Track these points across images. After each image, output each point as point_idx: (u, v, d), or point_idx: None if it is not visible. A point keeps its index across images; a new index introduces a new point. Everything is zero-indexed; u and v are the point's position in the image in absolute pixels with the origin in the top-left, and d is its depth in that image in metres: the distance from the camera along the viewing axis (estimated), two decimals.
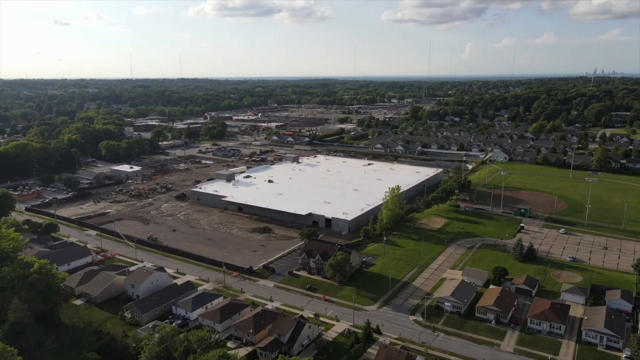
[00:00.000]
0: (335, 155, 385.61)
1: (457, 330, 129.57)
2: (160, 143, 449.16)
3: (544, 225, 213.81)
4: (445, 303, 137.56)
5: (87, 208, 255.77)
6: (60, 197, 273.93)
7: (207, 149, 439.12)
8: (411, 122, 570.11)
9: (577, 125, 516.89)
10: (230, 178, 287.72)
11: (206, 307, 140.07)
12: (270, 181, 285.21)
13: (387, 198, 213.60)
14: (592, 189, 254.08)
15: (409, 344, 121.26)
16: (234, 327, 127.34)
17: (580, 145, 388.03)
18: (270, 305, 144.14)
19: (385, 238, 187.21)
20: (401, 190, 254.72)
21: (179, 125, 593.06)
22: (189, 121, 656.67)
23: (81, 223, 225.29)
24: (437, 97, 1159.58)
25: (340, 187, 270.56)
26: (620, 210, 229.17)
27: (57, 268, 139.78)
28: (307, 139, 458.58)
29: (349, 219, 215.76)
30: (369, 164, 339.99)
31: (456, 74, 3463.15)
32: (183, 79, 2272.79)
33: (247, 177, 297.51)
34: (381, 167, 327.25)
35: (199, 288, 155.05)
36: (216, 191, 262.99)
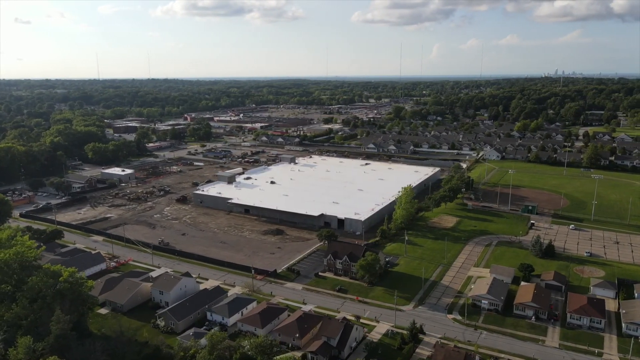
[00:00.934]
0: (329, 156, 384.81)
1: (498, 327, 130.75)
2: (147, 145, 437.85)
3: (553, 221, 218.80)
4: (482, 301, 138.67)
5: (86, 213, 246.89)
6: (54, 202, 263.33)
7: (196, 150, 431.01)
8: (396, 121, 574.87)
9: (557, 124, 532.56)
10: (231, 180, 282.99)
11: (242, 313, 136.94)
12: (272, 182, 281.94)
13: (401, 197, 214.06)
14: (588, 185, 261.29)
15: (456, 343, 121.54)
16: (278, 331, 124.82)
17: (566, 144, 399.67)
18: (305, 308, 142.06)
19: (406, 237, 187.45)
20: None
21: (162, 126, 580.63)
22: (171, 122, 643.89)
23: (86, 229, 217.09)
24: (414, 97, 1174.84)
25: (345, 188, 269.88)
26: (621, 205, 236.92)
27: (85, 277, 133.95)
28: (297, 140, 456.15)
29: (363, 219, 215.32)
30: (366, 164, 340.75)
31: (426, 74, 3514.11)
32: (153, 80, 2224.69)
33: (248, 178, 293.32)
34: (379, 167, 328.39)
35: (228, 293, 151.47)
36: (220, 193, 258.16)
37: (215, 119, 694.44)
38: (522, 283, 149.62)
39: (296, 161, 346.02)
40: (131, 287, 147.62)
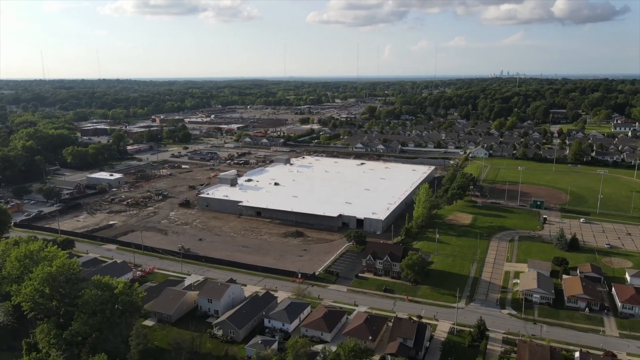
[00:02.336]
0: (319, 156, 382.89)
1: (555, 320, 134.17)
2: (126, 148, 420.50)
3: (562, 215, 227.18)
4: (534, 295, 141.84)
5: (86, 220, 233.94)
6: (46, 210, 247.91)
7: (180, 153, 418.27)
8: (373, 121, 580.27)
9: (529, 122, 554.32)
10: (234, 182, 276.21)
11: (300, 318, 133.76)
12: (276, 184, 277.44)
13: (420, 195, 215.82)
14: (580, 180, 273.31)
15: (526, 337, 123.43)
16: (347, 334, 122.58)
17: (545, 141, 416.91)
18: (359, 310, 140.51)
19: (437, 236, 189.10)
20: (413, 189, 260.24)
21: (134, 128, 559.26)
22: (141, 124, 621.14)
23: (95, 237, 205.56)
24: (378, 97, 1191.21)
25: (351, 188, 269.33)
26: (617, 199, 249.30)
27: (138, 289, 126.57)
28: (282, 140, 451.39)
29: (382, 218, 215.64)
30: (362, 164, 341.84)
31: (383, 75, 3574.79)
32: (105, 80, 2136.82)
33: (249, 180, 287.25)
34: (376, 167, 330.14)
35: (277, 298, 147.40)
36: (227, 196, 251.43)
37: (186, 120, 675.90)
38: (564, 276, 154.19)
39: (291, 162, 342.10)
40: (176, 296, 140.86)
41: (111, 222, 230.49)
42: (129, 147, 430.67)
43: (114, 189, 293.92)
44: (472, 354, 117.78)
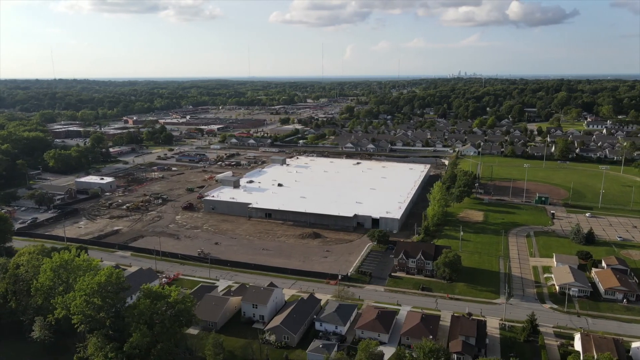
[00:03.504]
0: (312, 156, 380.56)
1: (597, 312, 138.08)
2: (110, 150, 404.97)
3: (567, 211, 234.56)
4: (572, 288, 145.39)
5: (88, 227, 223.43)
6: (40, 216, 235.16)
7: (166, 154, 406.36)
8: (354, 120, 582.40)
9: (507, 120, 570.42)
10: (236, 184, 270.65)
11: (350, 320, 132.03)
12: (280, 185, 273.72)
13: (435, 193, 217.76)
14: (572, 176, 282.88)
15: (579, 330, 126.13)
16: (405, 335, 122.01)
17: (529, 139, 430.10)
18: (403, 310, 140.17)
19: (461, 233, 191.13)
20: (417, 187, 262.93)
21: (110, 130, 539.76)
22: (116, 125, 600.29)
23: (106, 244, 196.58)
24: (348, 97, 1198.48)
25: (356, 187, 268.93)
26: (613, 193, 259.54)
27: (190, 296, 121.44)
28: (269, 141, 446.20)
29: (398, 217, 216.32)
30: (358, 163, 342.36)
31: (347, 75, 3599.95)
32: (62, 80, 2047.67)
33: (251, 182, 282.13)
34: (373, 166, 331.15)
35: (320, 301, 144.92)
36: (233, 198, 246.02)
37: (161, 121, 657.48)
38: (594, 269, 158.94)
39: (287, 163, 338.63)
40: (218, 302, 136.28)
41: (116, 228, 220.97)
42: (112, 150, 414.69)
43: (107, 193, 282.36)
44: (530, 349, 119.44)
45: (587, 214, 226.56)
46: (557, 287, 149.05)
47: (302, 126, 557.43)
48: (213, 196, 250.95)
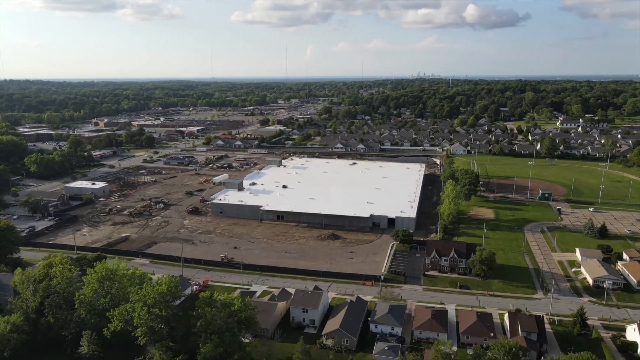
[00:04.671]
0: (303, 157, 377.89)
1: (634, 303, 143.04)
2: (92, 154, 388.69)
3: (571, 206, 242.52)
4: (607, 281, 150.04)
5: (93, 234, 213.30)
6: (37, 224, 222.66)
7: (151, 158, 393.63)
8: (334, 121, 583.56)
9: (484, 120, 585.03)
10: (241, 187, 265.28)
11: (403, 321, 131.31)
12: (284, 187, 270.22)
13: (449, 192, 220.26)
14: (563, 173, 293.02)
15: (627, 323, 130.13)
16: (465, 333, 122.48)
17: (512, 137, 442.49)
18: (449, 308, 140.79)
19: (485, 230, 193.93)
20: (420, 186, 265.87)
21: (85, 133, 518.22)
22: (89, 128, 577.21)
23: (122, 251, 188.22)
24: (319, 98, 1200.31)
25: (362, 188, 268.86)
26: (607, 188, 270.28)
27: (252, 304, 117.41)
28: (256, 142, 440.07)
29: (414, 216, 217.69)
30: (354, 163, 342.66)
31: (311, 75, 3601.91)
32: (13, 81, 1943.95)
33: (253, 184, 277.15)
34: (370, 166, 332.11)
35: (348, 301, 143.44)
36: (242, 201, 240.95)
37: (134, 123, 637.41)
38: (619, 262, 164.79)
39: (283, 164, 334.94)
40: (267, 308, 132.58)
41: (124, 235, 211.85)
42: (94, 154, 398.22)
43: (102, 199, 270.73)
44: (586, 343, 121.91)
45: (591, 209, 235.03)
46: (590, 281, 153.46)
47: (283, 127, 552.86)
48: (220, 199, 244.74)
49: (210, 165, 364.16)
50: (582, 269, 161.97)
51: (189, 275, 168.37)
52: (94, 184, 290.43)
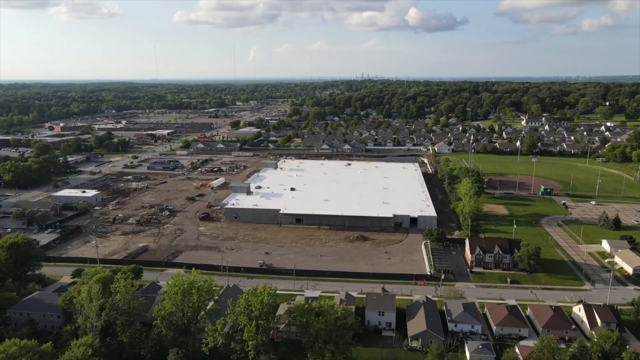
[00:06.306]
0: (290, 159, 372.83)
1: None
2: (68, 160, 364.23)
3: (573, 200, 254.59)
4: None
5: (107, 246, 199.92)
6: (41, 237, 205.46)
7: (132, 163, 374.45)
8: (307, 122, 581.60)
9: (454, 119, 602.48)
10: (249, 191, 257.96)
11: (479, 319, 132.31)
12: (292, 189, 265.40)
13: (467, 190, 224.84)
14: (550, 169, 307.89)
15: None
16: (546, 327, 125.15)
17: (491, 136, 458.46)
18: (511, 303, 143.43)
19: (514, 226, 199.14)
20: (424, 185, 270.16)
21: (48, 138, 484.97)
22: (47, 133, 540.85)
23: (164, 262, 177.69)
24: (277, 99, 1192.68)
25: (370, 188, 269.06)
26: (599, 183, 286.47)
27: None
28: (238, 145, 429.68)
29: (435, 214, 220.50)
30: (349, 164, 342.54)
31: (259, 76, 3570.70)
32: None
33: (259, 187, 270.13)
34: (367, 166, 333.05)
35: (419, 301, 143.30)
36: (256, 205, 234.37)
37: (95, 126, 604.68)
38: None
39: (279, 167, 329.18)
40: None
41: (141, 245, 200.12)
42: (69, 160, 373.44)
43: (97, 208, 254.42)
44: None
45: (593, 202, 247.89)
46: (630, 270, 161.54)
47: (256, 129, 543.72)
48: (233, 204, 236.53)
49: (199, 169, 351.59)
50: (617, 259, 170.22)
51: (233, 283, 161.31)
52: (84, 192, 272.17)
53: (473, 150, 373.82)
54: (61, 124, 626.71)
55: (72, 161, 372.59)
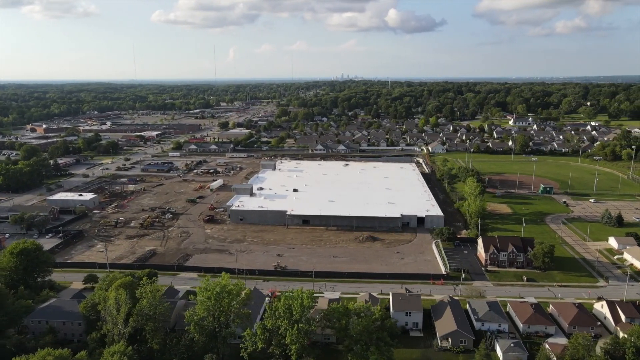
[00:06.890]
0: (286, 159, 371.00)
1: None
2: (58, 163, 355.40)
3: (572, 198, 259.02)
4: None
5: (113, 250, 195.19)
6: (43, 242, 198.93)
7: (124, 165, 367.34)
8: (297, 122, 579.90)
9: (442, 119, 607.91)
10: (252, 192, 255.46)
11: (505, 317, 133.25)
12: (295, 190, 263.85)
13: (473, 190, 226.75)
14: (544, 167, 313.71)
15: None
16: (572, 324, 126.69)
17: (483, 136, 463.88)
18: (531, 301, 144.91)
19: (523, 224, 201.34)
20: (425, 186, 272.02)
21: (33, 140, 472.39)
22: (30, 135, 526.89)
23: (168, 266, 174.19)
24: (262, 100, 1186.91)
25: (372, 188, 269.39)
26: (594, 180, 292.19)
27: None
28: (232, 146, 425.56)
29: (442, 214, 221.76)
30: (346, 165, 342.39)
31: (240, 77, 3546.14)
32: None
33: (260, 189, 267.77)
34: (365, 167, 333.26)
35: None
36: (262, 207, 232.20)
37: (80, 128, 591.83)
38: None
39: (278, 167, 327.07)
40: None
41: (148, 249, 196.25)
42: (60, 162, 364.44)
43: (95, 211, 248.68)
44: None
45: (592, 200, 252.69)
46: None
47: (247, 129, 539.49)
48: (238, 206, 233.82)
49: (194, 171, 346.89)
50: (627, 256, 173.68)
51: (250, 286, 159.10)
52: (81, 195, 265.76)
53: (471, 150, 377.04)
54: (44, 126, 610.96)
55: (62, 164, 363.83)
